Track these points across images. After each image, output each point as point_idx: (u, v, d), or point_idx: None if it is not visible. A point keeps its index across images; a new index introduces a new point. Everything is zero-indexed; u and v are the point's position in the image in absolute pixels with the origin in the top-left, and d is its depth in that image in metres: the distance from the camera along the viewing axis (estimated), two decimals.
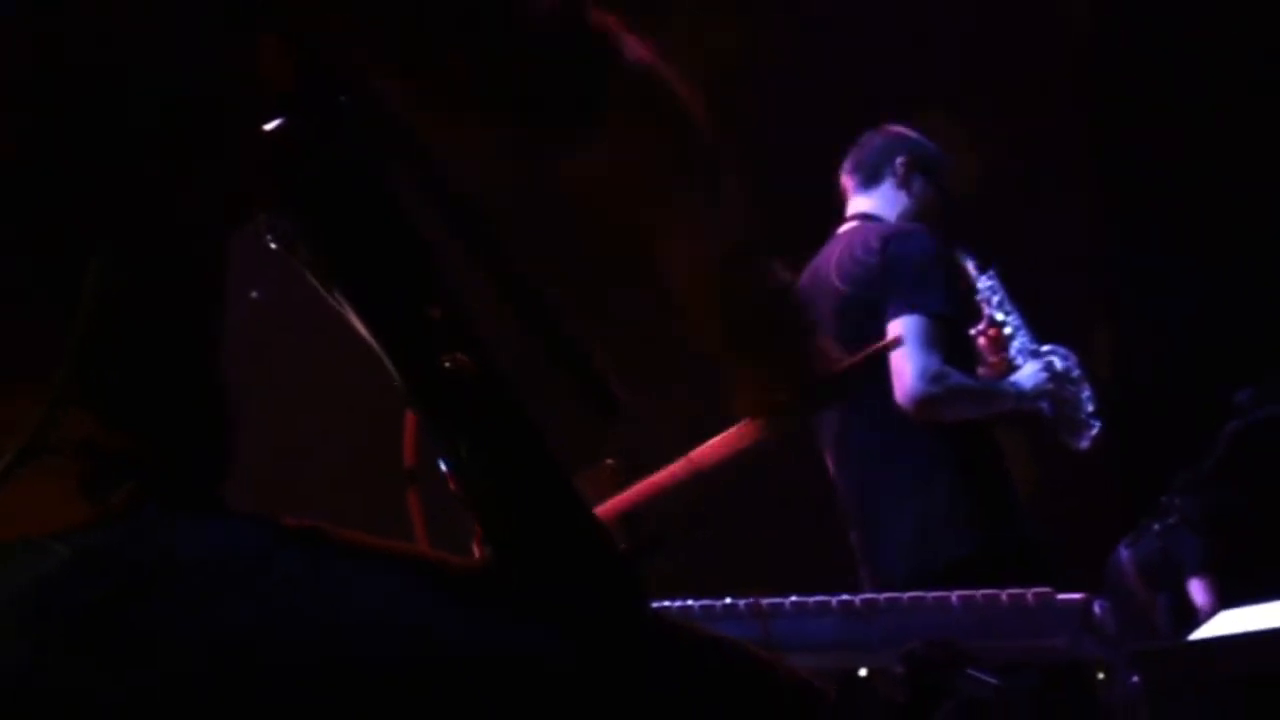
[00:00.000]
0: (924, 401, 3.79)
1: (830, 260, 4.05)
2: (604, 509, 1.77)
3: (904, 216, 4.15)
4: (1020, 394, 4.04)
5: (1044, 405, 4.09)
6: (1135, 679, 4.33)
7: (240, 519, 1.40)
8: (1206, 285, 5.94)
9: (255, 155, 1.46)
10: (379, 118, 1.57)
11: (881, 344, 3.36)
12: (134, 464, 1.36)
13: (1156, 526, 5.26)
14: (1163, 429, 5.54)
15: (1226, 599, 5.05)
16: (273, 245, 1.58)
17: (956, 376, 3.91)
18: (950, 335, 3.90)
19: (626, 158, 1.63)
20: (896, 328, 3.83)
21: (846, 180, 4.33)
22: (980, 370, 4.22)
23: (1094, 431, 4.18)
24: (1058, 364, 4.15)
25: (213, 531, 1.35)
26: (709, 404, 1.90)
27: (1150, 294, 6.10)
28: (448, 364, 1.53)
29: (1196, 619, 4.92)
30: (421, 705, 1.32)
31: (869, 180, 4.24)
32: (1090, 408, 4.19)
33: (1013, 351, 4.13)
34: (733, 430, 1.79)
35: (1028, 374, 4.07)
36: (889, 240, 3.98)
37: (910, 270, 3.88)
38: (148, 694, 1.28)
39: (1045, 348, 4.16)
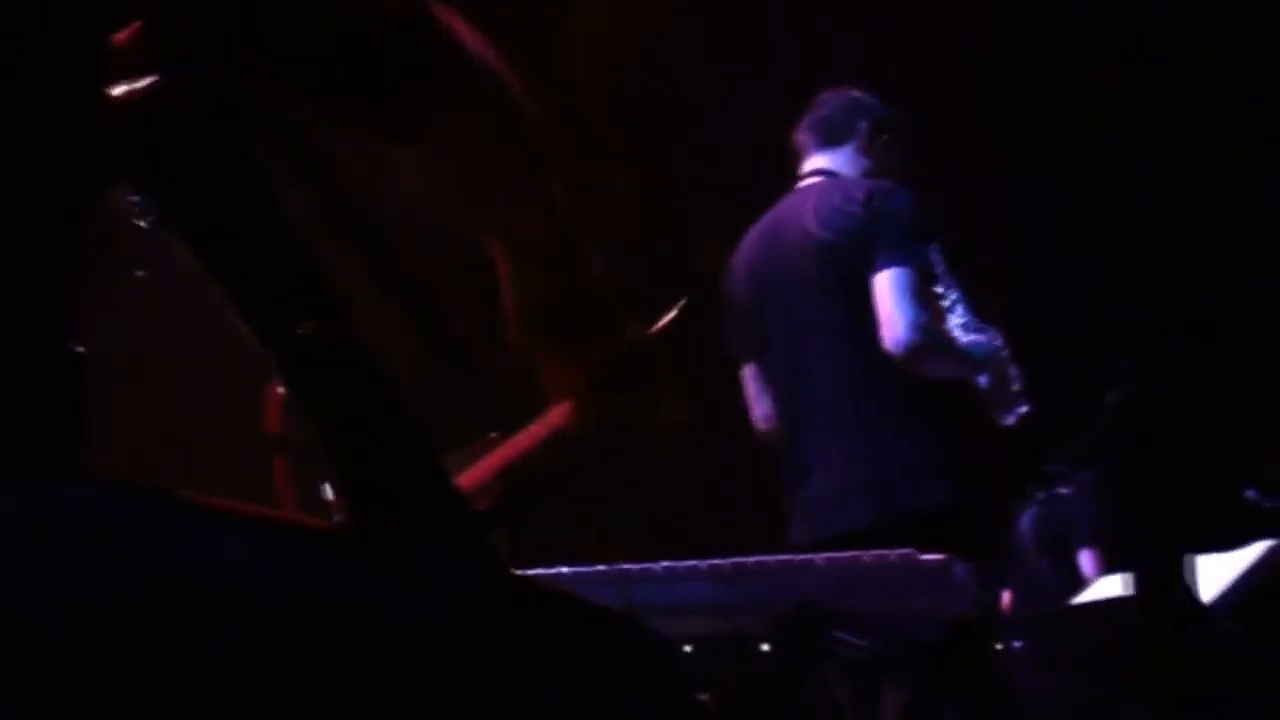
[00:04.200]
0: (916, 350, 3.87)
1: (804, 209, 4.10)
2: (467, 477, 1.80)
3: (864, 176, 4.21)
4: (980, 359, 4.09)
5: (982, 379, 4.13)
6: (1018, 644, 4.43)
7: (77, 481, 1.39)
8: (1096, 256, 6.02)
9: (109, 119, 1.47)
10: (236, 84, 1.60)
11: (668, 319, 3.39)
12: None
13: (1044, 495, 5.35)
14: (1047, 398, 5.62)
15: (1115, 566, 5.14)
16: (143, 223, 1.60)
17: (940, 329, 3.98)
18: (930, 292, 3.99)
19: (458, 151, 1.67)
20: (886, 279, 3.90)
21: (803, 137, 4.37)
22: None
23: (1022, 410, 4.22)
24: (994, 340, 4.19)
25: (49, 491, 1.35)
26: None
27: (1040, 264, 6.18)
28: (304, 330, 1.56)
29: (1085, 586, 5.01)
30: (258, 666, 1.31)
31: (830, 139, 4.29)
32: (1018, 386, 4.24)
33: (951, 324, 4.16)
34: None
35: (979, 342, 4.12)
36: (874, 194, 4.05)
37: (898, 225, 3.96)
38: None
39: (979, 323, 4.19)
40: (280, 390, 1.70)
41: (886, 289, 3.87)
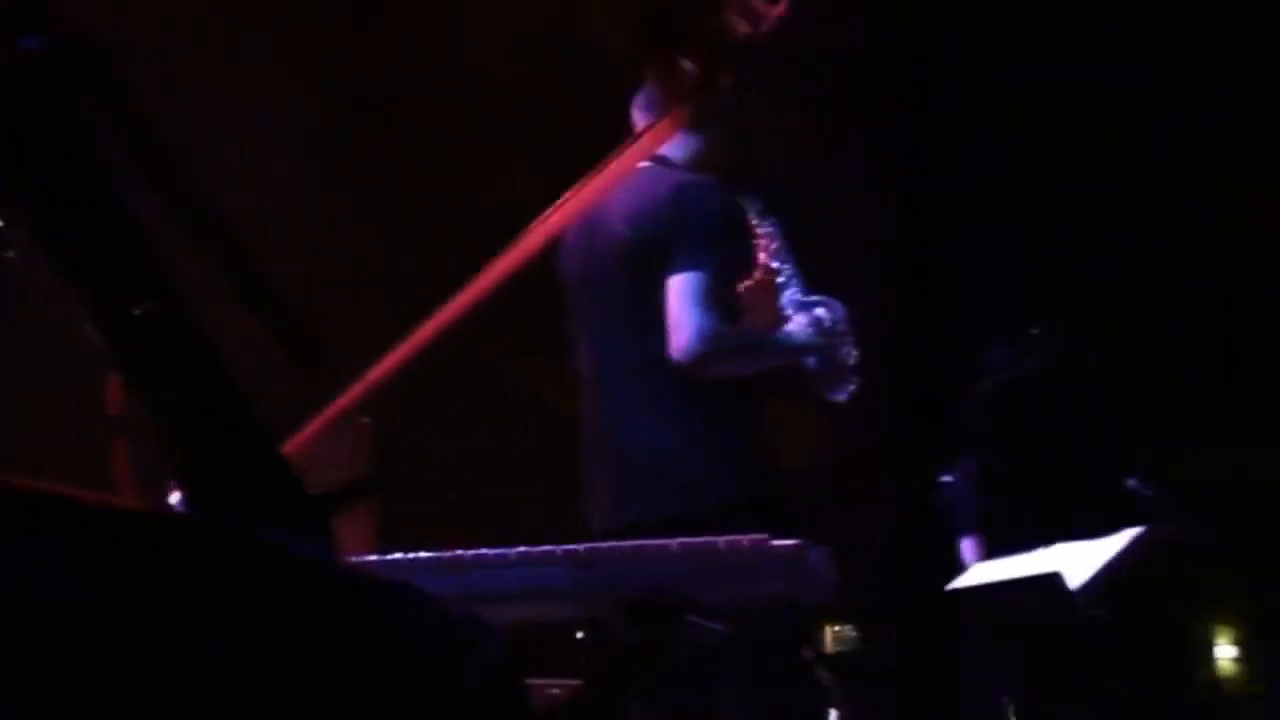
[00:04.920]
0: (698, 360, 3.84)
1: (620, 200, 4.04)
2: (293, 443, 1.79)
3: (693, 160, 4.14)
4: (792, 347, 4.08)
5: (810, 360, 4.13)
6: (891, 628, 4.49)
7: None
8: (974, 245, 6.08)
9: None
10: (76, 64, 1.59)
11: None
12: None
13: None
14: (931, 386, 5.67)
15: (994, 552, 5.20)
16: None
17: (734, 335, 3.95)
18: (729, 293, 3.95)
19: None
20: (677, 284, 3.86)
21: (639, 116, 4.29)
22: (749, 319, 4.25)
23: (853, 387, 4.23)
24: (825, 317, 4.18)
25: None
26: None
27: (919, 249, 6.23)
28: (139, 311, 1.55)
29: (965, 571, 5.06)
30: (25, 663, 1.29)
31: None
32: (852, 363, 4.24)
33: (783, 301, 4.15)
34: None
35: (799, 327, 4.11)
36: (681, 191, 3.98)
37: (699, 226, 3.90)
38: None
39: (815, 298, 4.19)
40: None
41: (675, 295, 3.85)
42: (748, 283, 4.20)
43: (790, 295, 4.14)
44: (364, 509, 3.41)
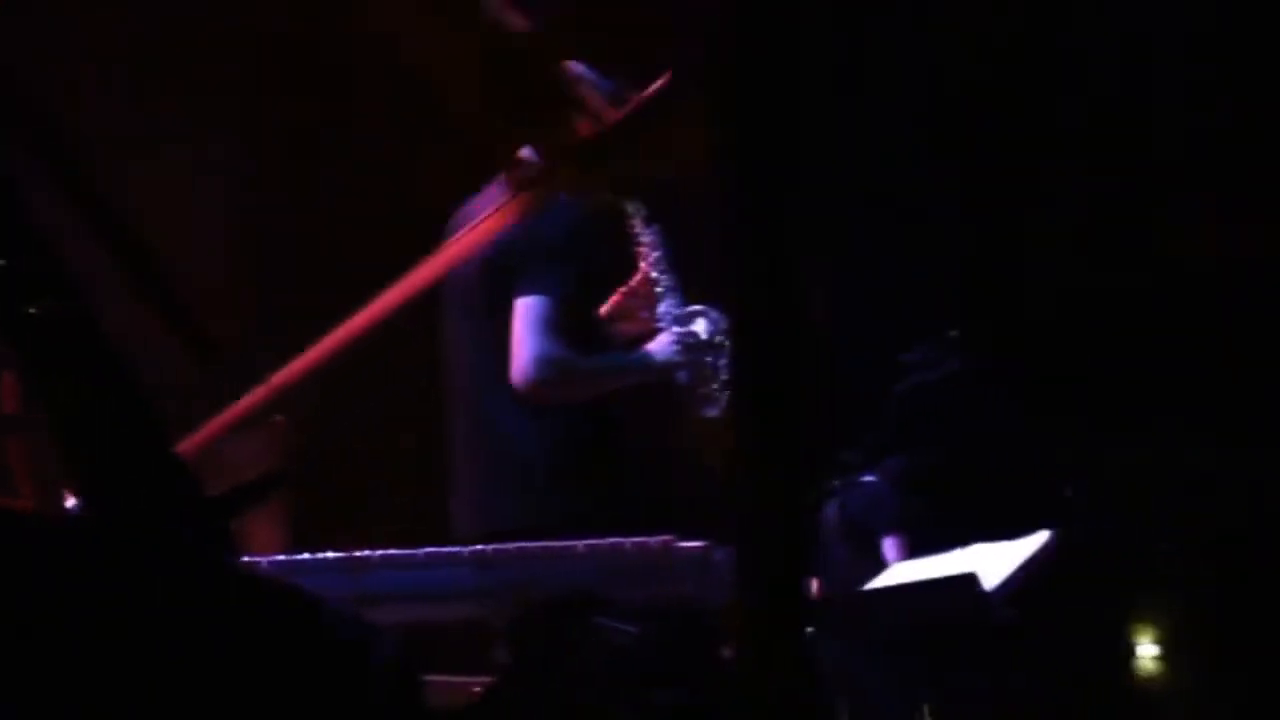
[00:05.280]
0: (534, 386, 3.82)
1: (479, 215, 4.02)
2: (187, 444, 1.79)
3: None
4: (648, 367, 4.03)
5: (681, 375, 4.09)
6: (809, 629, 4.51)
7: None
8: (878, 248, 6.11)
9: None
10: None
11: (655, 87, 3.36)
12: None
13: (844, 484, 5.43)
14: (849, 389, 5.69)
15: (915, 552, 5.22)
16: None
17: (573, 360, 3.91)
18: (579, 313, 3.92)
19: None
20: (520, 309, 3.84)
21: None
22: (621, 327, 4.23)
23: (722, 402, 4.18)
24: (702, 330, 4.14)
25: None
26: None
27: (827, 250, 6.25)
28: (34, 310, 1.55)
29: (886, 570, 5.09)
30: None
31: None
32: (724, 377, 4.19)
33: (660, 312, 4.12)
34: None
35: (661, 345, 4.08)
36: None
37: (544, 248, 3.85)
38: None
39: (696, 308, 4.15)
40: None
41: (518, 319, 3.84)
42: (623, 291, 4.17)
43: (666, 307, 4.10)
44: (278, 508, 3.41)
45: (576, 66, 4.31)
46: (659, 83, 3.44)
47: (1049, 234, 6.05)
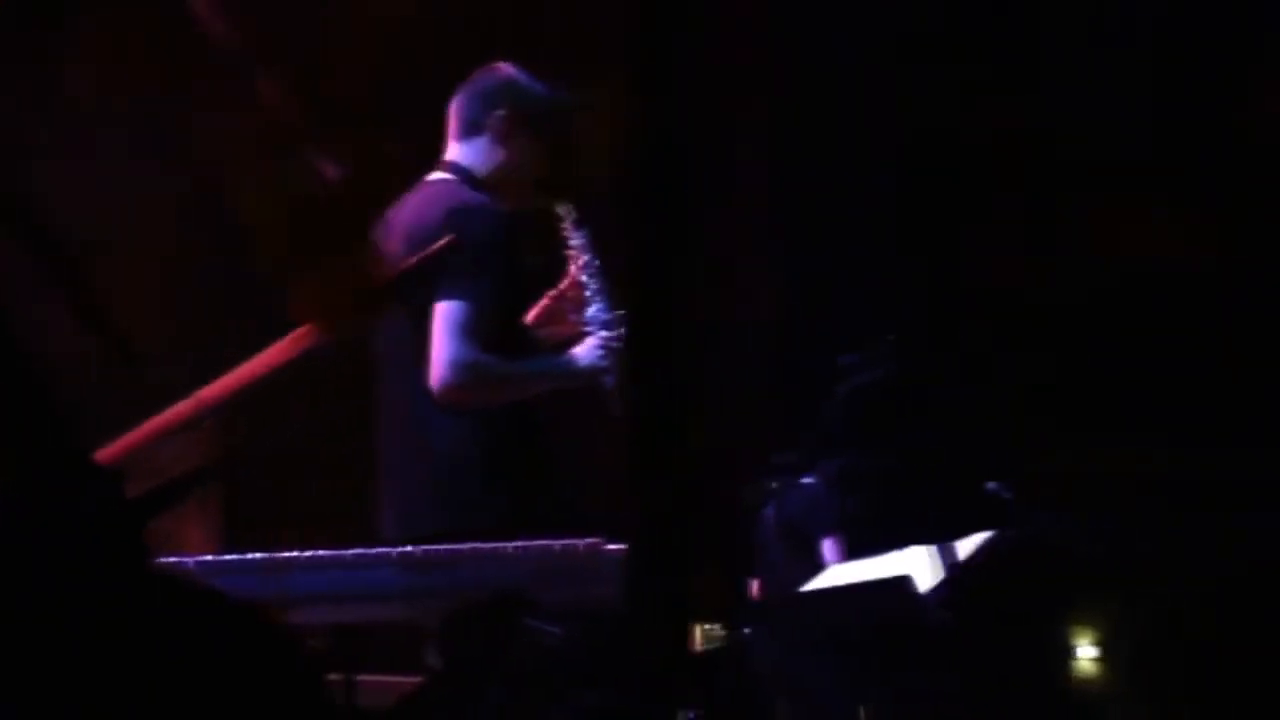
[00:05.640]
0: (450, 390, 3.80)
1: (402, 219, 3.99)
2: (111, 450, 1.78)
3: (497, 172, 4.06)
4: (573, 371, 4.02)
5: (607, 379, 4.07)
6: (746, 630, 4.51)
7: None
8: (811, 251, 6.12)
9: None
10: None
11: (435, 247, 3.39)
12: None
13: (782, 485, 5.44)
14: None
15: (854, 554, 5.24)
16: None
17: (491, 364, 3.89)
18: (504, 317, 3.91)
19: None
20: (438, 313, 3.82)
21: (449, 121, 4.21)
22: (548, 330, 4.21)
23: (616, 405, 4.16)
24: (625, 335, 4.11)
25: None
26: None
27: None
28: None
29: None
30: None
31: (466, 130, 4.09)
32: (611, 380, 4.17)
33: (587, 315, 4.10)
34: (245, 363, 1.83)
35: (587, 349, 4.06)
36: (451, 215, 3.89)
37: (466, 252, 3.84)
38: None
39: (621, 313, 4.13)
40: None
41: (436, 324, 3.83)
42: (551, 294, 4.17)
43: (594, 311, 4.08)
44: (209, 509, 3.39)
45: (508, 69, 4.31)
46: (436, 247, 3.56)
47: (988, 237, 6.07)
